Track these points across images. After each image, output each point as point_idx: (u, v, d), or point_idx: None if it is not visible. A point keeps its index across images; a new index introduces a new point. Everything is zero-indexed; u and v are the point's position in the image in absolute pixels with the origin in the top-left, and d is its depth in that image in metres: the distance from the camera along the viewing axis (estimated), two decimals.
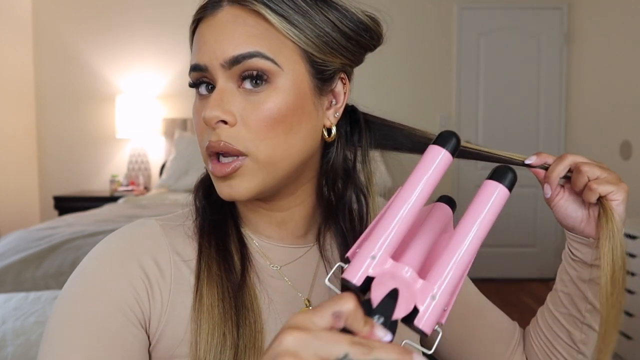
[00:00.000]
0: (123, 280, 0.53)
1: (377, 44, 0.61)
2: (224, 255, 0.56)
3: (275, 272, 0.60)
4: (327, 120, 0.58)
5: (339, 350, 0.32)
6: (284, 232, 0.62)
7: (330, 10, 0.55)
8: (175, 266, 0.56)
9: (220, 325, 0.52)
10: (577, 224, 0.61)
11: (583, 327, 0.64)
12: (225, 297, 0.53)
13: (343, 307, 0.34)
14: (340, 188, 0.62)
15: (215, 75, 0.53)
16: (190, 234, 0.59)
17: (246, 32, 0.52)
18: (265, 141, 0.52)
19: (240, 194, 0.53)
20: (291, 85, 0.53)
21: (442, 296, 0.37)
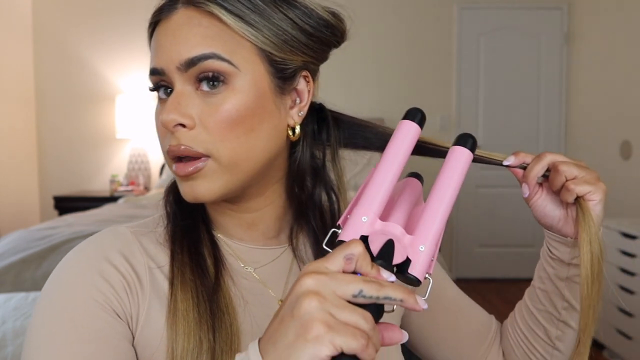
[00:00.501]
0: (98, 278, 0.52)
1: (340, 40, 0.61)
2: (196, 260, 0.56)
3: (248, 274, 0.60)
4: (291, 119, 0.57)
5: (355, 288, 0.36)
6: (255, 233, 0.61)
7: (289, 8, 0.54)
8: (150, 272, 0.55)
9: (196, 329, 0.51)
10: (555, 223, 0.61)
11: (559, 324, 0.64)
12: (200, 301, 0.53)
13: (354, 250, 0.39)
14: (310, 187, 0.61)
15: (172, 79, 0.53)
16: (162, 241, 0.58)
17: (201, 34, 0.51)
18: (225, 143, 0.52)
19: (203, 195, 0.53)
20: (249, 85, 0.52)
21: (429, 247, 0.43)
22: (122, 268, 0.54)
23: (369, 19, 3.89)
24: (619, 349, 2.51)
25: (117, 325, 0.52)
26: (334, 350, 0.34)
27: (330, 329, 0.35)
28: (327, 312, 0.35)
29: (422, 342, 0.72)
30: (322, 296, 0.36)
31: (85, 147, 3.90)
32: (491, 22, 3.87)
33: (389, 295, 0.37)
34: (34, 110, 3.86)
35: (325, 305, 0.36)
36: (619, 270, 2.49)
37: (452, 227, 4.01)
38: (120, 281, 0.53)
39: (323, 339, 0.34)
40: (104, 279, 0.52)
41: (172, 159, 0.54)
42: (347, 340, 0.35)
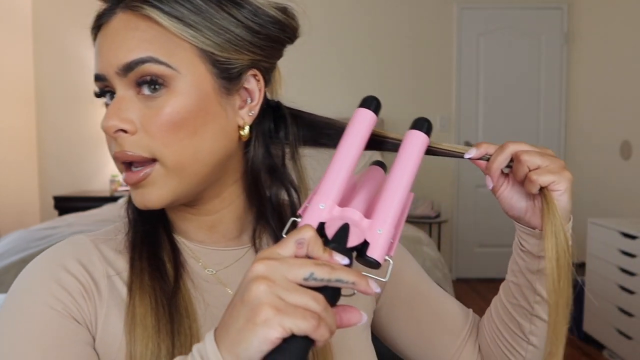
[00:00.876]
0: (54, 285, 0.52)
1: (292, 37, 0.59)
2: (155, 265, 0.55)
3: (210, 276, 0.59)
4: (240, 119, 0.56)
5: (305, 271, 0.37)
6: (216, 235, 0.61)
7: (233, 7, 0.53)
8: (109, 279, 0.55)
9: (154, 335, 0.51)
10: (523, 215, 0.59)
11: (532, 318, 0.63)
12: (159, 306, 0.53)
13: (305, 235, 0.40)
14: (267, 186, 0.61)
15: (113, 84, 0.52)
16: (121, 248, 0.58)
17: (137, 37, 0.51)
18: (169, 147, 0.51)
19: (152, 202, 0.53)
20: (190, 87, 0.52)
21: (387, 230, 0.43)
22: (78, 275, 0.54)
23: (369, 19, 3.90)
24: (619, 349, 2.51)
25: (77, 331, 0.51)
26: (283, 333, 0.35)
27: (278, 312, 0.35)
28: (275, 296, 0.36)
29: (395, 336, 0.71)
30: (271, 280, 0.37)
31: (85, 147, 3.90)
32: (491, 22, 3.87)
33: (341, 278, 0.38)
34: (34, 110, 3.86)
35: (274, 289, 0.36)
36: (619, 270, 2.49)
37: (452, 227, 4.01)
38: (77, 287, 0.53)
39: (272, 322, 0.35)
40: (61, 286, 0.52)
41: (121, 166, 0.53)
42: (296, 322, 0.35)
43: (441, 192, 3.93)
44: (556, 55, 3.86)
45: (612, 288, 2.55)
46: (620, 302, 2.48)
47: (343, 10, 3.90)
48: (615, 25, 3.26)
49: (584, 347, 2.76)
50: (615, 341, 2.53)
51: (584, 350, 2.74)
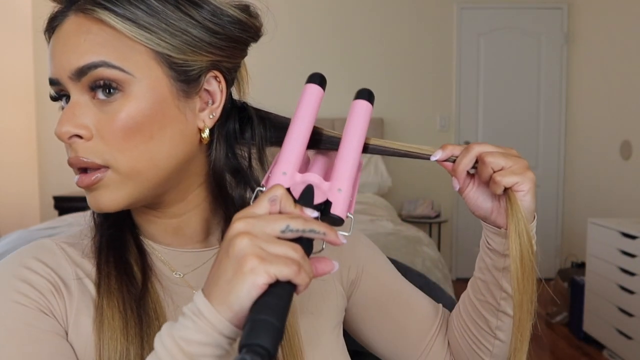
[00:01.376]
0: (17, 282, 0.51)
1: (254, 36, 0.58)
2: (123, 268, 0.55)
3: (178, 279, 0.59)
4: (201, 122, 0.55)
5: (282, 224, 0.41)
6: (182, 238, 0.60)
7: (191, 8, 0.52)
8: (79, 279, 0.54)
9: (122, 338, 0.51)
10: (489, 215, 0.60)
11: (499, 314, 0.64)
12: (127, 309, 0.52)
13: (276, 192, 0.43)
14: (232, 188, 0.60)
15: (67, 88, 0.51)
16: (87, 252, 0.57)
17: (89, 41, 0.50)
18: (124, 153, 0.50)
19: (106, 205, 0.52)
20: (146, 91, 0.50)
21: (346, 189, 0.48)
22: (44, 274, 0.52)
23: (369, 19, 3.90)
24: (619, 349, 2.51)
25: (48, 322, 0.50)
26: (268, 279, 0.38)
27: (263, 261, 0.38)
28: (258, 247, 0.39)
29: (366, 332, 0.71)
30: (252, 234, 0.40)
31: None
32: (491, 22, 3.87)
33: (314, 229, 0.41)
34: (34, 110, 3.86)
35: (256, 241, 0.39)
36: (619, 270, 2.49)
37: (452, 227, 4.01)
38: (44, 284, 0.52)
39: (258, 269, 0.38)
40: (26, 283, 0.51)
41: (76, 170, 0.52)
42: (279, 268, 0.38)
43: (441, 192, 3.93)
44: (556, 55, 3.86)
45: (612, 288, 2.55)
46: (620, 302, 2.48)
47: (343, 10, 3.90)
48: (615, 25, 3.26)
49: (584, 347, 2.76)
50: (615, 341, 2.53)
51: (584, 350, 2.74)
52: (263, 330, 0.36)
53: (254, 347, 0.35)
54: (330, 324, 0.64)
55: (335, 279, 0.67)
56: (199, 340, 0.39)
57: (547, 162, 3.92)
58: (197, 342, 0.39)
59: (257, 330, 0.36)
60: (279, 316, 0.37)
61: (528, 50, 3.87)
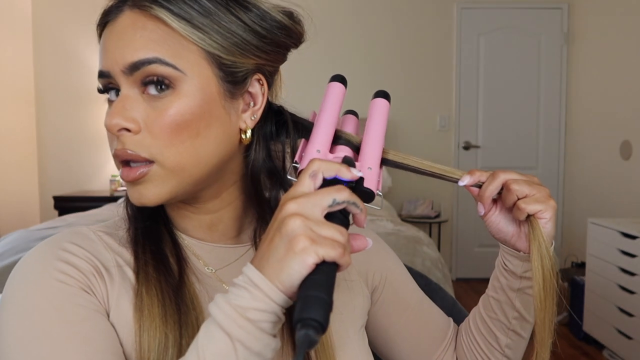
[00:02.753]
0: (60, 264, 0.51)
1: (297, 42, 0.60)
2: (159, 259, 0.56)
3: (210, 273, 0.60)
4: (243, 123, 0.57)
5: (329, 199, 0.43)
6: (215, 234, 0.62)
7: (241, 10, 0.53)
8: (119, 266, 0.55)
9: (162, 325, 0.52)
10: (509, 238, 0.63)
11: (509, 332, 0.67)
12: (165, 297, 0.53)
13: (314, 167, 0.46)
14: (267, 189, 0.61)
15: (118, 82, 0.52)
16: (124, 243, 0.58)
17: (145, 37, 0.51)
18: (171, 148, 0.52)
19: (149, 199, 0.53)
20: (196, 90, 0.52)
21: (375, 167, 0.53)
22: (82, 256, 0.53)
23: (369, 19, 3.90)
24: (619, 349, 2.51)
25: (92, 301, 0.51)
26: (317, 259, 0.41)
27: (313, 242, 0.41)
28: (309, 229, 0.42)
29: (378, 339, 0.73)
30: (304, 216, 0.42)
31: (85, 147, 3.90)
32: (491, 22, 3.87)
33: (356, 202, 0.45)
34: (34, 110, 3.86)
35: (308, 223, 0.42)
36: (619, 270, 2.50)
37: (452, 227, 4.01)
38: (85, 265, 0.52)
39: (309, 250, 0.41)
40: (66, 262, 0.52)
41: (119, 163, 0.53)
42: (327, 251, 0.41)
43: (441, 192, 3.93)
44: (556, 55, 3.86)
45: (612, 288, 2.55)
46: (620, 302, 2.48)
47: (342, 10, 3.90)
48: (615, 25, 3.26)
49: (584, 347, 2.76)
50: (615, 341, 2.53)
51: (584, 350, 2.74)
52: (315, 305, 0.39)
53: (309, 321, 0.38)
54: (357, 324, 0.65)
55: (362, 280, 0.68)
56: (256, 307, 0.42)
57: (547, 162, 3.92)
58: (255, 308, 0.42)
59: (309, 305, 0.39)
60: (327, 292, 0.40)
61: (528, 50, 3.87)
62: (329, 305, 0.40)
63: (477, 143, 3.92)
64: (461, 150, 3.92)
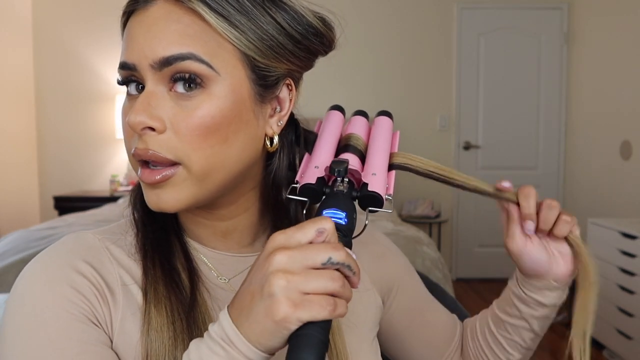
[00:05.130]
0: (67, 289, 0.49)
1: (328, 49, 0.57)
2: (170, 274, 0.53)
3: (224, 284, 0.57)
4: (269, 128, 0.54)
5: (324, 257, 0.38)
6: (230, 242, 0.59)
7: (277, 11, 0.50)
8: (124, 285, 0.52)
9: (171, 349, 0.49)
10: (546, 267, 0.62)
11: (523, 350, 0.67)
12: (176, 318, 0.50)
13: (325, 225, 0.40)
14: (285, 201, 0.58)
15: (144, 76, 0.48)
16: (133, 252, 0.54)
17: (179, 31, 0.47)
18: (198, 152, 0.48)
19: (168, 205, 0.49)
20: (228, 91, 0.48)
21: (380, 173, 0.52)
22: (90, 276, 0.50)
23: (369, 19, 3.89)
24: (619, 349, 2.51)
25: (95, 333, 0.49)
26: (300, 324, 0.37)
27: (296, 308, 0.37)
28: (294, 290, 0.37)
29: (396, 344, 0.72)
30: (290, 273, 0.38)
31: (85, 147, 3.90)
32: (491, 22, 3.87)
33: (351, 265, 0.40)
34: (34, 110, 3.86)
35: (293, 282, 0.37)
36: (619, 270, 2.49)
37: (452, 227, 4.01)
38: (90, 289, 0.50)
39: (290, 318, 0.37)
40: (74, 288, 0.49)
41: (138, 163, 0.50)
42: (313, 314, 0.37)
43: (441, 192, 3.93)
44: (556, 55, 3.86)
45: (612, 288, 2.55)
46: (620, 302, 2.48)
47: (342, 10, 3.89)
48: (615, 25, 3.26)
49: None
50: (615, 341, 2.53)
51: None
52: (308, 345, 0.37)
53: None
54: (371, 335, 0.64)
55: (375, 289, 0.67)
56: None
57: (547, 162, 3.92)
58: None
59: (303, 345, 0.37)
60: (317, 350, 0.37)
61: (528, 50, 3.87)
62: (324, 345, 0.37)
63: (477, 143, 3.92)
64: (461, 150, 3.92)
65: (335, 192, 0.48)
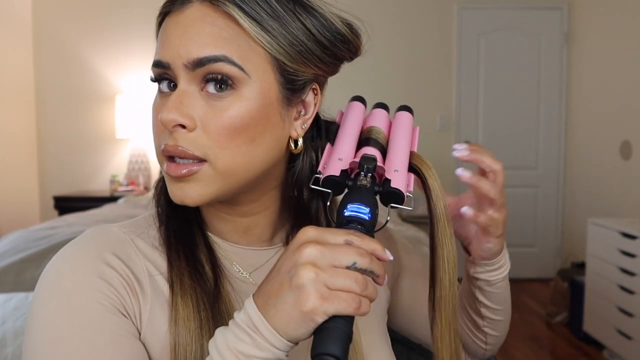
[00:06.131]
0: (97, 280, 0.50)
1: (354, 56, 0.59)
2: (194, 266, 0.54)
3: (245, 277, 0.59)
4: (294, 131, 0.56)
5: (349, 260, 0.41)
6: (251, 237, 0.61)
7: (307, 18, 0.52)
8: (151, 276, 0.54)
9: (198, 337, 0.51)
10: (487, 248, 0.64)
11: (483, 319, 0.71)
12: (201, 309, 0.52)
13: (355, 240, 0.43)
14: (306, 199, 0.61)
15: (177, 75, 0.50)
16: (157, 245, 0.56)
17: (214, 34, 0.49)
18: (225, 150, 0.50)
19: (192, 199, 0.51)
20: (257, 94, 0.50)
21: (402, 170, 0.53)
22: (119, 269, 0.52)
23: (369, 19, 3.89)
24: (619, 349, 2.51)
25: (124, 324, 0.50)
26: (326, 318, 0.40)
27: (324, 301, 0.39)
28: (322, 284, 0.40)
29: (401, 320, 0.77)
30: (319, 267, 0.40)
31: (85, 147, 3.90)
32: (491, 22, 3.87)
33: (374, 270, 0.42)
34: (34, 110, 3.86)
35: (321, 276, 0.40)
36: (619, 270, 2.50)
37: None
38: (119, 280, 0.51)
39: (317, 310, 0.39)
40: (103, 279, 0.50)
41: (164, 157, 0.52)
42: (339, 309, 0.39)
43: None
44: (556, 55, 3.86)
45: (612, 288, 2.55)
46: (620, 302, 2.49)
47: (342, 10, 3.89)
48: (615, 25, 3.26)
49: (584, 347, 2.76)
50: (615, 341, 2.53)
51: (584, 350, 2.74)
52: (333, 338, 0.38)
53: (326, 357, 0.38)
54: (382, 327, 0.67)
55: None
56: (259, 356, 0.41)
57: (547, 162, 3.92)
58: (258, 357, 0.41)
59: (327, 338, 0.38)
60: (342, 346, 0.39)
61: (528, 50, 3.87)
62: (349, 339, 0.39)
63: (477, 143, 3.92)
64: None
65: (358, 186, 0.50)
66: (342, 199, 0.49)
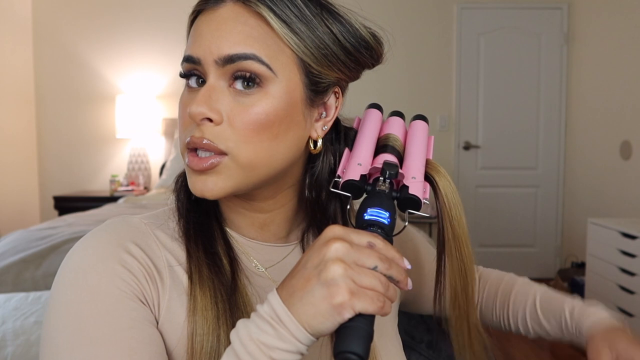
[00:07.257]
0: (118, 267, 0.51)
1: (376, 63, 0.62)
2: (212, 258, 0.56)
3: (262, 272, 0.61)
4: (314, 132, 0.58)
5: (372, 262, 0.43)
6: (267, 233, 0.63)
7: (334, 23, 0.54)
8: (170, 267, 0.55)
9: (215, 327, 0.52)
10: None
11: None
12: (219, 300, 0.53)
13: (378, 243, 0.44)
14: (324, 200, 0.62)
15: (207, 70, 0.52)
16: (177, 237, 0.58)
17: (245, 33, 0.51)
18: (248, 145, 0.52)
19: (212, 192, 0.53)
20: (283, 93, 0.52)
21: (419, 177, 0.54)
22: (139, 258, 0.53)
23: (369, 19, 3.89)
24: None
25: (143, 312, 0.51)
26: (353, 314, 0.41)
27: (352, 296, 0.40)
28: (350, 279, 0.41)
29: (410, 297, 0.79)
30: (346, 264, 0.41)
31: (85, 147, 3.90)
32: (491, 22, 3.87)
33: (393, 275, 0.43)
34: (34, 110, 3.86)
35: (349, 272, 0.41)
36: (619, 270, 2.50)
37: None
38: (140, 269, 0.52)
39: (346, 305, 0.40)
40: (124, 267, 0.52)
41: (187, 149, 0.53)
42: (365, 306, 0.41)
43: None
44: (556, 56, 3.86)
45: (612, 288, 2.55)
46: (620, 302, 2.49)
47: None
48: (615, 25, 3.26)
49: None
50: None
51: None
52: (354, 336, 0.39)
53: (349, 354, 0.39)
54: (394, 326, 0.68)
55: None
56: (282, 348, 0.41)
57: (547, 162, 3.92)
58: (280, 349, 0.41)
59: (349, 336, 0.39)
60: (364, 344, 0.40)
61: (528, 50, 3.87)
62: (371, 338, 0.40)
63: (477, 143, 3.92)
64: (461, 150, 3.92)
65: (377, 191, 0.51)
66: (362, 203, 0.51)
